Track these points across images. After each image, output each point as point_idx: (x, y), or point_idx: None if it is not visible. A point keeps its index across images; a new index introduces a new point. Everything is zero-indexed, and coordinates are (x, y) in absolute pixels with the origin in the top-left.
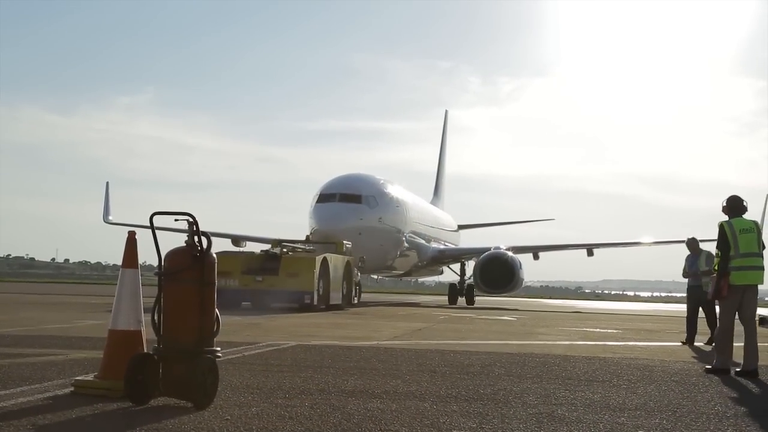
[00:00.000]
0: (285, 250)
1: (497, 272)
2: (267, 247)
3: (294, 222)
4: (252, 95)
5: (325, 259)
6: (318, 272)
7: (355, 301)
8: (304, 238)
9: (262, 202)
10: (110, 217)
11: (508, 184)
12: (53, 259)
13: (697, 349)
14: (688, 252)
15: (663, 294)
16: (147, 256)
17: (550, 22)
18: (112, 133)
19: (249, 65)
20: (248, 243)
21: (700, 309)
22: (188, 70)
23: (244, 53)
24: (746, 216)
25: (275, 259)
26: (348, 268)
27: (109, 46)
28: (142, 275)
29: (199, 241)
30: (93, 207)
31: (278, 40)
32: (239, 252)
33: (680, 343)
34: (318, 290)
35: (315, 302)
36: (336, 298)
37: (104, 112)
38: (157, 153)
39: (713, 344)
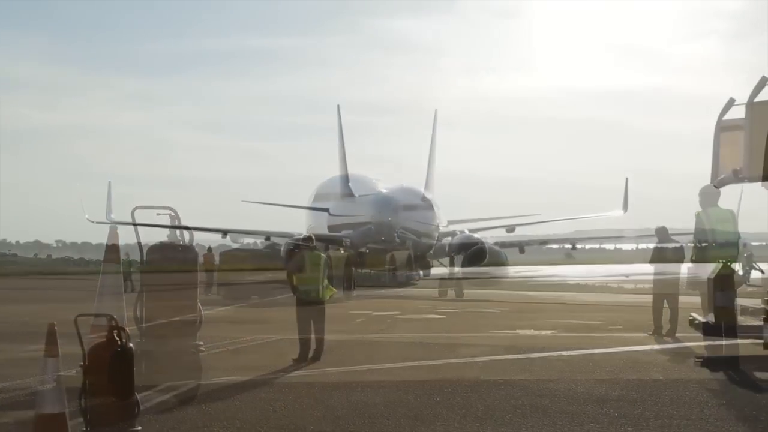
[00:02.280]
0: (290, 247)
1: (472, 250)
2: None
3: (283, 217)
4: (233, 88)
5: (328, 256)
6: (323, 268)
7: (354, 294)
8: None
9: (246, 197)
10: (112, 216)
11: (493, 176)
12: (36, 255)
13: (679, 340)
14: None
15: (647, 285)
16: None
17: (531, 16)
18: (92, 127)
19: (228, 58)
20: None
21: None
22: (167, 63)
23: (221, 45)
24: (723, 206)
25: None
26: (348, 264)
27: (85, 39)
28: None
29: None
30: (74, 202)
31: (253, 33)
32: (248, 249)
33: (647, 335)
34: (323, 285)
35: (320, 296)
36: (338, 291)
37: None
38: (137, 147)
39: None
